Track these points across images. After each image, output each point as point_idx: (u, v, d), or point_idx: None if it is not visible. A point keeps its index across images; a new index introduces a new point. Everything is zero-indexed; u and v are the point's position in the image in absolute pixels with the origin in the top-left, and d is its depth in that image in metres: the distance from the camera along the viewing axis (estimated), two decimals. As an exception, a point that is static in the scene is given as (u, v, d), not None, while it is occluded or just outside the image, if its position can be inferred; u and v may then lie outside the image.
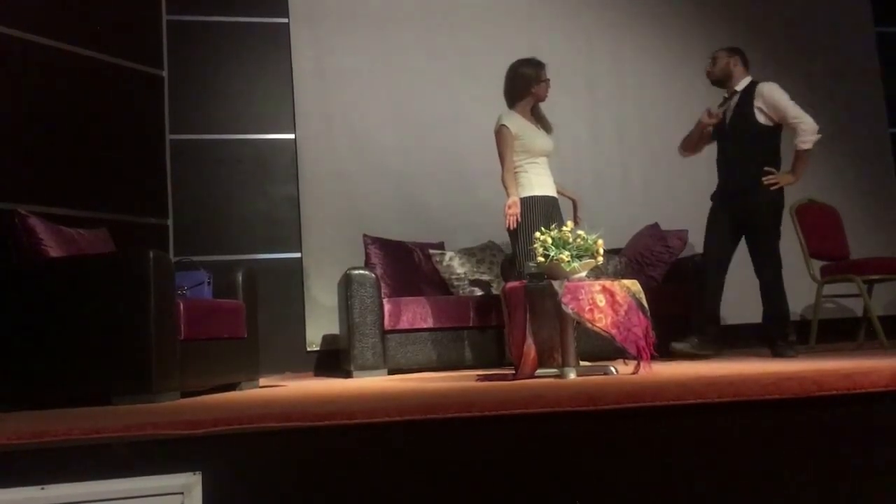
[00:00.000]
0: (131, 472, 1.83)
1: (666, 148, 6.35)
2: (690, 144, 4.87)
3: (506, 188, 4.33)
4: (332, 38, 5.94)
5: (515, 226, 4.22)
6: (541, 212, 4.29)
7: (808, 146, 4.38)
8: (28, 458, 1.83)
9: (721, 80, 4.66)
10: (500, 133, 4.42)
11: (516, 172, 4.37)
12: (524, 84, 4.45)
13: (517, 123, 4.42)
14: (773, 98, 4.45)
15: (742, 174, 4.49)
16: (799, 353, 4.28)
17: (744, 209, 4.48)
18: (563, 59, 6.22)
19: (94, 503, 1.79)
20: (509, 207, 4.23)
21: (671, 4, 6.50)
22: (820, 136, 4.41)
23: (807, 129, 4.38)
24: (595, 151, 6.20)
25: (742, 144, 4.50)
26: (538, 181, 4.39)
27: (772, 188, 4.38)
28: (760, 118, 4.47)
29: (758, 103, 4.46)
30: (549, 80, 4.50)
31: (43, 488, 1.78)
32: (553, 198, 4.43)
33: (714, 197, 4.72)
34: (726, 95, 4.71)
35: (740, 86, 4.59)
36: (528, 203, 4.32)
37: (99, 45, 5.01)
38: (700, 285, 4.60)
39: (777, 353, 4.27)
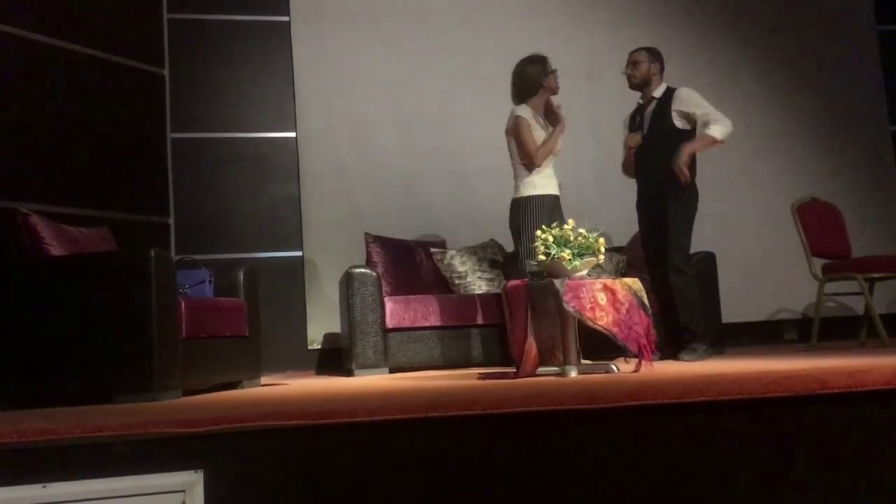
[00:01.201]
0: (133, 471, 1.83)
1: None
2: (630, 167, 4.82)
3: (552, 142, 4.41)
4: (333, 36, 5.94)
5: None
6: (545, 211, 4.31)
7: (718, 136, 4.32)
8: (30, 456, 1.83)
9: (640, 86, 4.62)
10: (518, 123, 4.42)
11: (525, 165, 4.41)
12: (532, 81, 4.47)
13: (529, 116, 4.45)
14: (693, 100, 4.45)
15: (659, 179, 4.46)
16: (700, 357, 4.22)
17: (659, 212, 4.45)
18: (563, 57, 6.19)
19: (95, 501, 1.79)
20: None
21: (672, 3, 6.49)
22: (726, 136, 4.35)
23: (724, 124, 4.34)
24: (595, 150, 6.19)
25: (659, 149, 4.47)
26: (542, 181, 4.41)
27: (682, 180, 4.34)
28: (678, 123, 4.46)
29: (675, 107, 4.45)
30: (555, 70, 4.53)
31: (45, 486, 1.78)
32: (557, 196, 4.45)
33: (637, 204, 4.68)
34: (641, 102, 4.68)
35: (657, 92, 4.56)
36: (533, 202, 4.34)
37: (100, 43, 5.01)
38: (697, 290, 4.52)
39: (678, 357, 4.22)
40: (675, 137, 4.44)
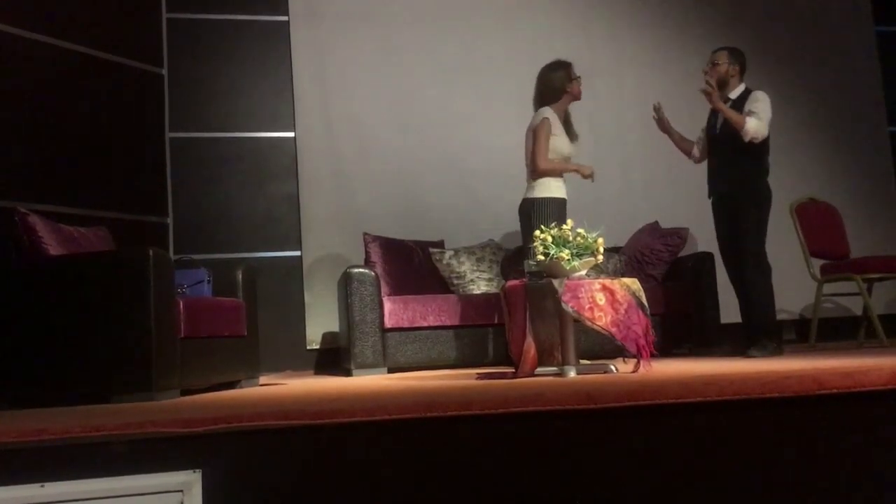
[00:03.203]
0: (131, 470, 1.83)
1: (666, 146, 6.35)
2: (683, 149, 4.89)
3: (554, 171, 4.47)
4: (332, 36, 5.94)
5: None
6: (556, 214, 4.35)
7: (746, 124, 4.33)
8: (28, 456, 1.83)
9: (717, 85, 4.58)
10: (543, 125, 4.46)
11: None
12: (557, 87, 4.53)
13: (556, 120, 4.51)
14: (759, 98, 4.43)
15: (730, 178, 4.48)
16: (772, 354, 4.21)
17: (734, 211, 4.45)
18: (562, 57, 6.21)
19: (94, 501, 1.79)
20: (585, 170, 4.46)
21: (671, 2, 6.49)
22: (751, 133, 4.35)
23: (759, 124, 4.34)
24: (595, 150, 6.18)
25: (730, 150, 4.47)
26: (556, 184, 4.48)
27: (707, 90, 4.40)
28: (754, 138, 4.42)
29: (747, 106, 4.42)
30: (579, 77, 4.60)
31: (43, 486, 1.78)
32: (565, 200, 4.52)
33: (712, 203, 4.71)
34: None
35: (734, 93, 4.54)
36: (546, 203, 4.40)
37: (99, 42, 5.00)
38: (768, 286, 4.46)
39: (748, 354, 4.19)
40: (747, 144, 4.40)
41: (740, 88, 4.56)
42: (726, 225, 4.52)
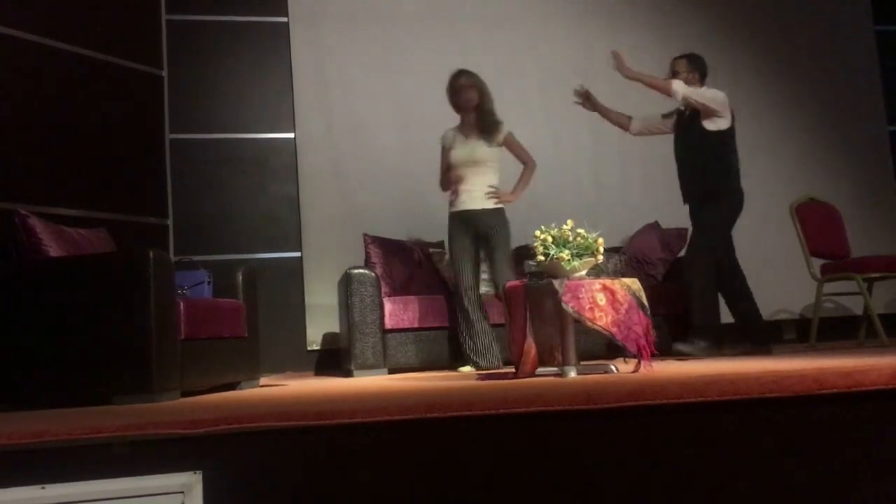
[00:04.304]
0: (132, 472, 1.83)
1: (666, 146, 6.33)
2: (620, 124, 5.04)
3: (447, 184, 4.81)
4: (331, 37, 5.94)
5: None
6: (458, 227, 4.66)
7: (674, 84, 4.46)
8: (29, 457, 1.83)
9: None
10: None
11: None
12: (449, 98, 4.77)
13: (447, 138, 4.75)
14: (707, 91, 4.48)
15: (697, 183, 4.52)
16: (700, 353, 4.27)
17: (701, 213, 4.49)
18: (562, 57, 6.22)
19: (94, 502, 1.79)
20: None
21: (671, 3, 6.49)
22: (678, 93, 4.46)
23: (686, 89, 4.46)
24: (595, 150, 6.19)
25: (694, 154, 4.53)
26: (459, 198, 4.70)
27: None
28: (708, 124, 4.49)
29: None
30: (463, 85, 4.70)
31: (44, 488, 1.78)
32: (475, 211, 4.65)
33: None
34: (682, 107, 4.68)
35: None
36: (450, 219, 4.72)
37: (98, 44, 5.01)
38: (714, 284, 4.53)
39: (672, 347, 4.26)
40: (709, 141, 4.44)
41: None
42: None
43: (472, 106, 4.69)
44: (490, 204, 4.64)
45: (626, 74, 4.53)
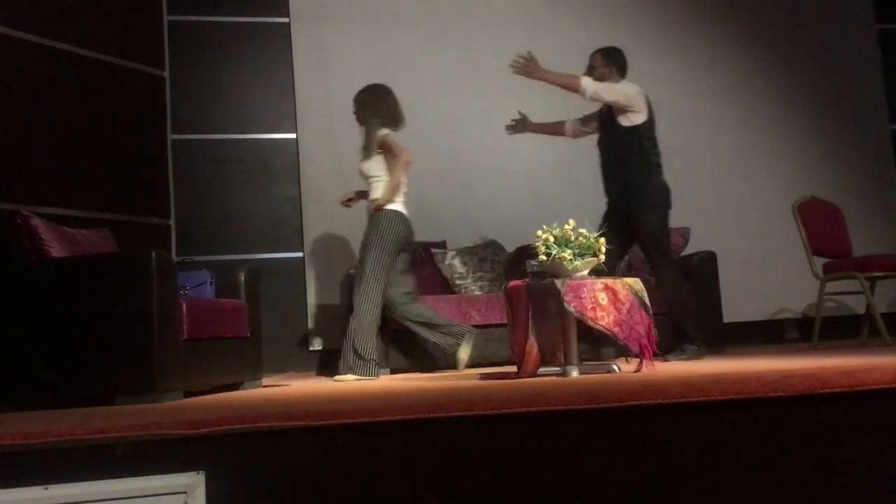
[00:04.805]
0: (134, 472, 1.83)
1: (667, 146, 6.32)
2: (556, 133, 4.92)
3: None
4: (332, 37, 5.94)
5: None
6: None
7: (584, 80, 4.32)
8: (32, 458, 1.84)
9: None
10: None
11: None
12: None
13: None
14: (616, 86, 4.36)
15: (619, 181, 4.43)
16: (691, 357, 4.24)
17: (626, 217, 4.38)
18: (563, 56, 6.18)
19: (97, 503, 1.79)
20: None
21: (672, 2, 6.49)
22: (589, 92, 4.32)
23: (597, 86, 4.32)
24: (595, 149, 6.18)
25: (615, 154, 4.44)
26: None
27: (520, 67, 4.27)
28: (623, 121, 4.38)
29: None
30: (354, 111, 4.72)
31: (46, 488, 1.78)
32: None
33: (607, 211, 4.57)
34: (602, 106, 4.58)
35: None
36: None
37: (100, 45, 5.01)
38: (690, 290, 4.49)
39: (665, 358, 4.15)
40: (626, 137, 4.36)
41: None
42: (620, 235, 4.32)
43: (362, 125, 4.66)
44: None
45: (535, 75, 4.32)
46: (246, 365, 4.06)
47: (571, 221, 3.61)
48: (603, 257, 3.53)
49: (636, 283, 3.49)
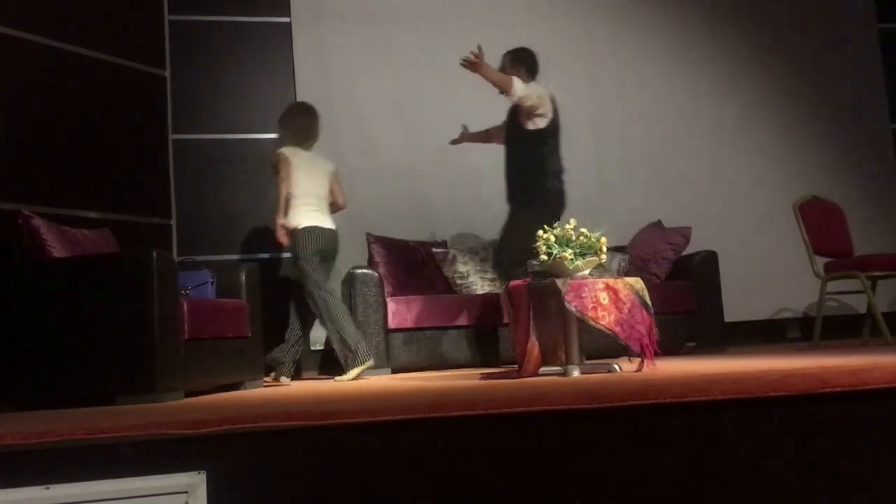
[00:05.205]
0: (135, 472, 1.83)
1: (668, 146, 6.35)
2: (489, 139, 4.84)
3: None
4: (334, 37, 5.94)
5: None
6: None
7: (517, 83, 4.22)
8: (32, 457, 1.84)
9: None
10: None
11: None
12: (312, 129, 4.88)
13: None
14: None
15: (517, 184, 4.38)
16: None
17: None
18: (564, 56, 6.21)
19: (98, 503, 1.79)
20: None
21: (673, 1, 6.49)
22: (517, 93, 4.22)
23: (523, 87, 4.23)
24: (597, 149, 6.19)
25: (515, 158, 4.39)
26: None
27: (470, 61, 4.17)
28: (528, 124, 4.33)
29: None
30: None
31: (47, 488, 1.78)
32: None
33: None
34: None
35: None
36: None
37: (101, 45, 5.01)
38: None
39: None
40: (528, 141, 4.32)
41: None
42: None
43: None
44: None
45: (478, 71, 4.24)
46: (247, 365, 4.06)
47: (572, 221, 3.61)
48: (604, 257, 3.53)
49: (637, 282, 3.50)
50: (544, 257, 3.49)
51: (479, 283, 5.33)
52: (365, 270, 4.93)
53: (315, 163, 4.72)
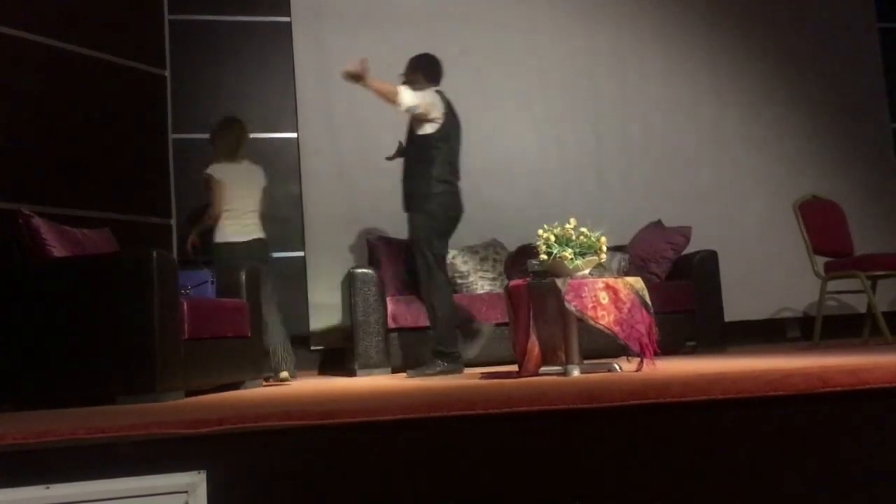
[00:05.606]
0: (136, 472, 1.83)
1: (668, 145, 6.34)
2: None
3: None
4: (334, 36, 5.94)
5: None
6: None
7: (403, 92, 4.25)
8: (33, 457, 1.84)
9: None
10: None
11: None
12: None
13: None
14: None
15: (405, 189, 4.39)
16: (439, 373, 4.16)
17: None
18: (564, 56, 6.22)
19: (98, 502, 1.79)
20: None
21: (673, 1, 6.48)
22: (402, 102, 4.26)
23: (404, 90, 4.27)
24: (598, 149, 6.19)
25: (407, 160, 4.42)
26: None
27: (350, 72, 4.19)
28: (419, 130, 4.35)
29: None
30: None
31: (48, 487, 1.78)
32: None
33: None
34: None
35: None
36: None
37: (101, 44, 5.01)
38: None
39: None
40: (413, 143, 4.35)
41: None
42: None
43: None
44: None
45: (363, 83, 4.29)
46: (247, 364, 4.06)
47: (572, 220, 3.61)
48: (604, 256, 3.54)
49: (637, 282, 3.50)
50: (544, 257, 3.49)
51: (479, 282, 5.33)
52: (365, 270, 4.93)
53: (243, 175, 4.78)
